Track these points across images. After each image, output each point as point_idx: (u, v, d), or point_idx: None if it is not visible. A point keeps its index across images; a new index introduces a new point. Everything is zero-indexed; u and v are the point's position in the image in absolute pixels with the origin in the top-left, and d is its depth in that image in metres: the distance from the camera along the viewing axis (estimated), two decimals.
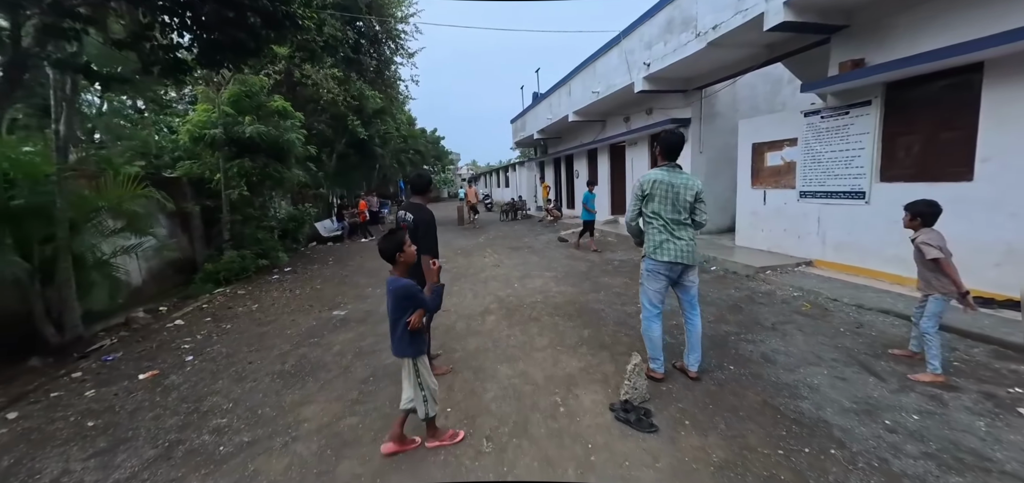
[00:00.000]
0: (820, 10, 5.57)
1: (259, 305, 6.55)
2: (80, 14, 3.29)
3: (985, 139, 4.54)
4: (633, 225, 3.41)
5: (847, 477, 2.26)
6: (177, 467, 2.67)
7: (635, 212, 3.34)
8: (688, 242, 3.21)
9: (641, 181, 3.29)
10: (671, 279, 3.28)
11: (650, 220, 3.26)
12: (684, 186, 3.22)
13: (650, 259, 3.27)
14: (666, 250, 3.19)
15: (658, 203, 3.19)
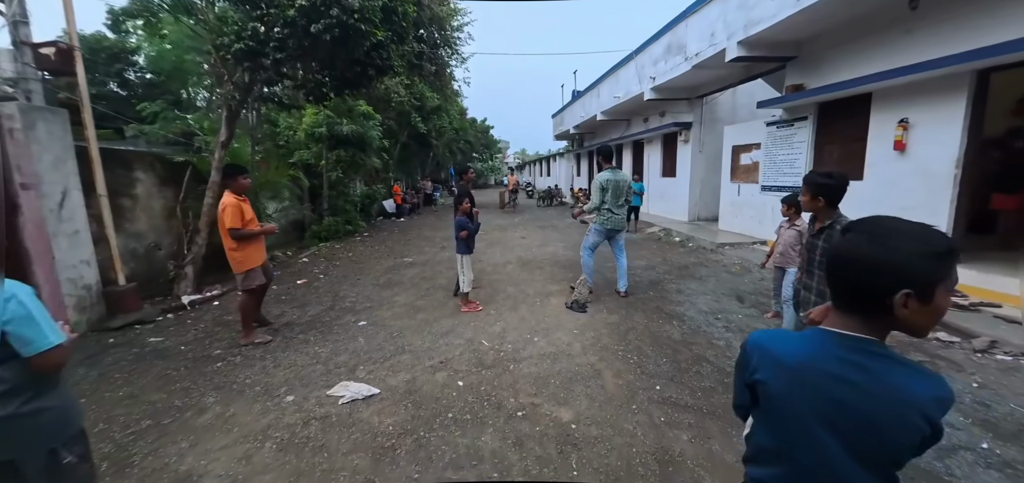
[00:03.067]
0: (768, 46, 7.26)
1: (353, 254, 9.34)
2: (283, 73, 5.96)
3: (870, 150, 6.19)
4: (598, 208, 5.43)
5: (679, 334, 4.38)
6: (337, 313, 5.27)
7: (600, 201, 5.38)
8: (621, 217, 5.35)
9: (602, 182, 5.33)
10: (607, 237, 5.41)
11: (602, 202, 5.38)
12: (623, 181, 5.34)
13: (598, 225, 5.40)
14: (610, 221, 5.32)
15: (611, 194, 5.30)
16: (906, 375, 0.83)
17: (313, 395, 3.31)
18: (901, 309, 0.81)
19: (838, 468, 0.86)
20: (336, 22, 4.90)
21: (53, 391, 1.57)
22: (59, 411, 1.57)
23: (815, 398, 0.87)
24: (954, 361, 3.69)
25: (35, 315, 1.45)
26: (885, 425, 0.82)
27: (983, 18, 4.84)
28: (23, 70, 5.11)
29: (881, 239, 0.83)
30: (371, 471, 2.46)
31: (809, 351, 0.90)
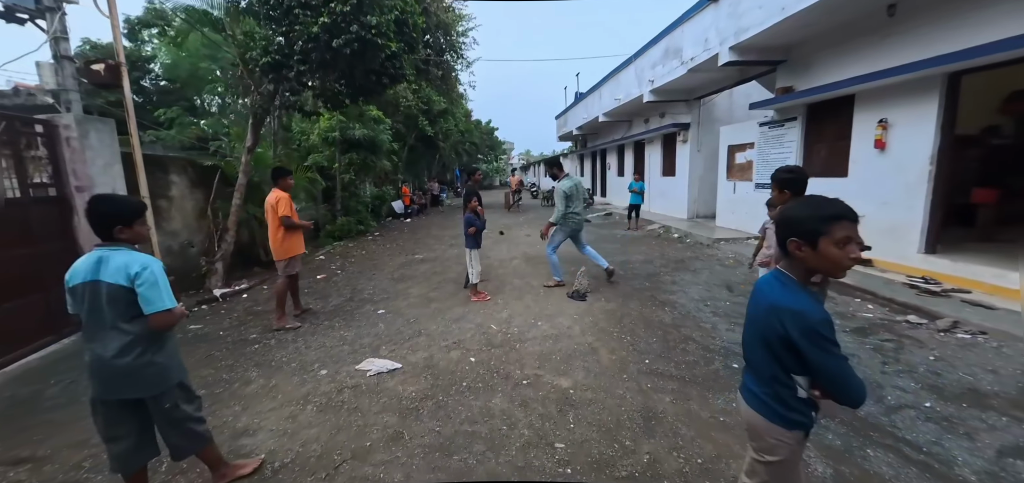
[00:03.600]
0: (758, 50, 7.65)
1: (366, 252, 9.83)
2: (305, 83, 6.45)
3: (854, 148, 6.57)
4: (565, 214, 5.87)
5: (670, 319, 4.80)
6: (356, 303, 5.74)
7: (566, 208, 5.82)
8: (582, 216, 5.84)
9: (566, 190, 5.79)
10: (569, 236, 5.85)
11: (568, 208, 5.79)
12: (581, 185, 5.86)
13: (562, 226, 5.84)
14: (573, 222, 5.79)
15: (574, 199, 5.77)
16: (785, 294, 1.30)
17: (343, 369, 3.78)
18: (796, 251, 1.29)
19: (749, 342, 1.45)
20: (355, 37, 5.39)
21: (161, 351, 2.05)
22: (162, 367, 2.05)
23: (753, 304, 1.45)
24: (918, 339, 4.08)
25: (159, 283, 1.93)
26: (761, 318, 1.35)
27: (953, 25, 5.21)
28: (64, 82, 5.63)
29: (794, 207, 1.29)
30: (399, 426, 2.91)
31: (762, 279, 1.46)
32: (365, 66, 5.95)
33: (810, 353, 1.25)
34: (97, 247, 1.96)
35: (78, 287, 1.91)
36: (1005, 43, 4.48)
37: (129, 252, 1.95)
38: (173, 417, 2.10)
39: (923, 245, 5.71)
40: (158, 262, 2.00)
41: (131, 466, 2.05)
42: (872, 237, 6.26)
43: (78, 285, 1.91)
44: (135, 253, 1.97)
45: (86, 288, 1.90)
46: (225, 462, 2.38)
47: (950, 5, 5.23)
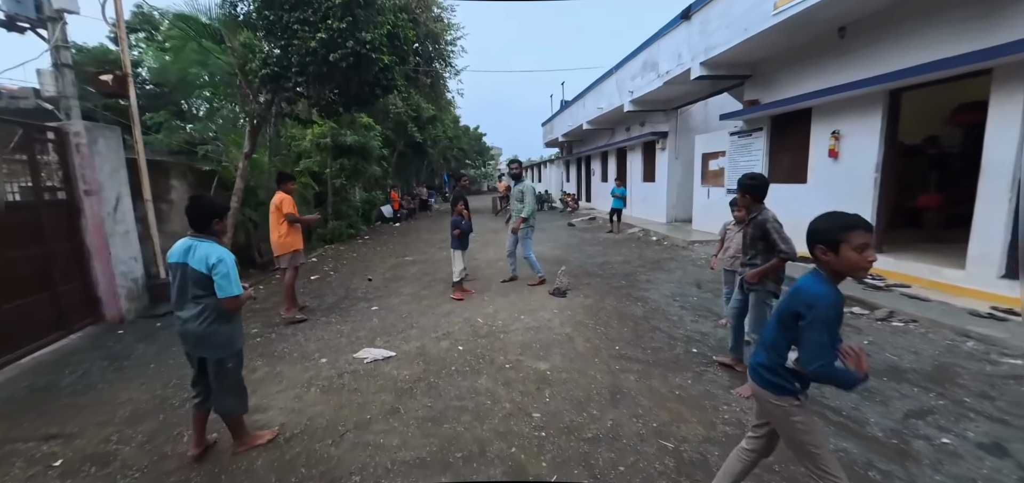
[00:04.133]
0: (726, 66, 8.23)
1: (357, 254, 10.13)
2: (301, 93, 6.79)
3: (812, 156, 7.15)
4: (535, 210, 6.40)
5: (641, 312, 5.25)
6: (351, 301, 6.07)
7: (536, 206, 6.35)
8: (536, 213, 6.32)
9: (536, 190, 6.31)
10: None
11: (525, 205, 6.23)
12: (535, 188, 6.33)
13: (529, 225, 6.28)
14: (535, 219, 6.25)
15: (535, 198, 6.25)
16: (812, 282, 1.61)
17: (342, 358, 4.13)
18: (821, 256, 1.57)
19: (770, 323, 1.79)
20: (351, 52, 5.76)
21: (227, 324, 2.52)
22: (227, 335, 2.52)
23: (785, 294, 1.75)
24: (858, 327, 4.59)
25: (231, 274, 2.39)
26: (785, 300, 1.70)
27: (894, 47, 5.81)
28: (64, 89, 5.87)
29: (818, 220, 1.64)
30: (395, 403, 3.28)
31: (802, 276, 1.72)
32: (360, 78, 6.33)
33: (804, 323, 1.54)
34: (190, 236, 2.46)
35: (173, 265, 2.46)
36: (938, 64, 5.07)
37: (212, 245, 2.42)
38: (230, 378, 2.56)
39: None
40: (231, 256, 2.47)
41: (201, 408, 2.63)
42: None
43: (173, 264, 2.45)
44: (216, 246, 2.43)
45: (177, 268, 2.44)
46: (248, 432, 2.75)
47: (891, 29, 5.84)
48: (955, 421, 2.87)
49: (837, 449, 2.62)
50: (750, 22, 6.74)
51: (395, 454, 2.67)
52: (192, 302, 2.42)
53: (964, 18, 5.05)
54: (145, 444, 2.89)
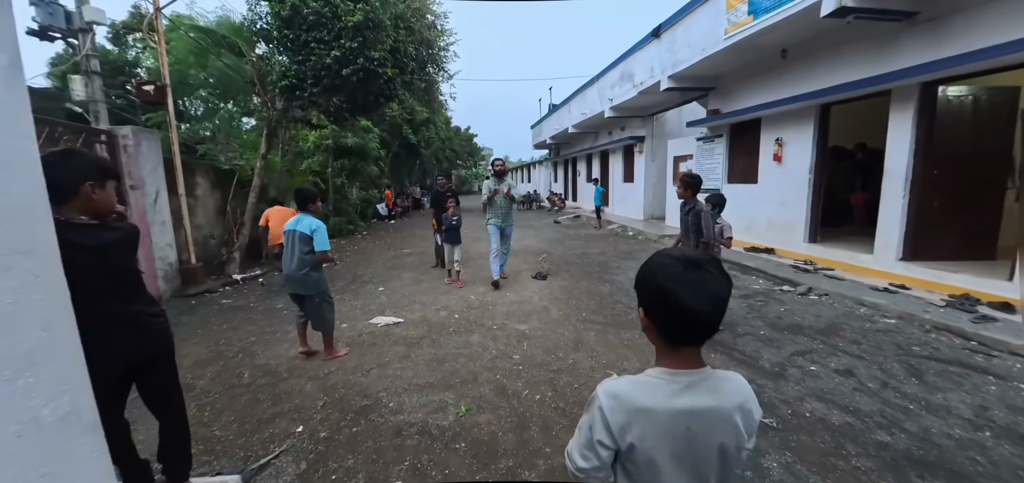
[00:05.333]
0: (691, 79, 9.28)
1: (358, 248, 10.98)
2: (316, 102, 7.65)
3: (761, 160, 8.22)
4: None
5: (608, 291, 6.23)
6: (359, 284, 6.96)
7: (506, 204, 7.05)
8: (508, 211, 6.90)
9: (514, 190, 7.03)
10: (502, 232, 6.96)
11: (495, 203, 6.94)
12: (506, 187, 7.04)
13: (493, 224, 6.48)
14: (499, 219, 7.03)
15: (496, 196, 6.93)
16: None
17: (359, 324, 5.04)
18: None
19: None
20: (361, 67, 6.65)
21: (318, 272, 3.74)
22: (315, 280, 3.75)
23: None
24: (781, 300, 5.63)
25: (325, 235, 3.60)
26: None
27: (824, 67, 6.87)
28: (94, 94, 6.64)
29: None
30: (406, 352, 4.20)
31: None
32: (367, 89, 7.22)
33: None
34: (298, 213, 3.75)
35: (287, 232, 3.76)
36: (850, 85, 6.14)
37: (311, 218, 3.65)
38: (319, 308, 3.82)
39: (806, 236, 7.36)
40: (324, 225, 3.70)
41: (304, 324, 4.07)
42: (774, 232, 7.92)
43: (287, 231, 3.76)
44: (314, 218, 3.70)
45: (290, 234, 3.69)
46: (333, 347, 4.06)
47: (822, 52, 6.90)
48: (825, 357, 3.89)
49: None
50: (707, 43, 7.78)
51: (409, 380, 3.60)
52: (297, 256, 3.68)
53: (871, 47, 6.12)
54: (214, 379, 3.78)
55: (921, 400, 3.16)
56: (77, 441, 1.32)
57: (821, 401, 3.16)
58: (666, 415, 0.87)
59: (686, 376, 0.90)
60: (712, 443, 0.88)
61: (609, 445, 0.90)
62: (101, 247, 1.56)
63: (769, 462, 2.52)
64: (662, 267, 0.90)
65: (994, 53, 4.52)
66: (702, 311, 0.84)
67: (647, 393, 0.89)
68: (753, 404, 0.93)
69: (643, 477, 0.90)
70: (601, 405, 0.90)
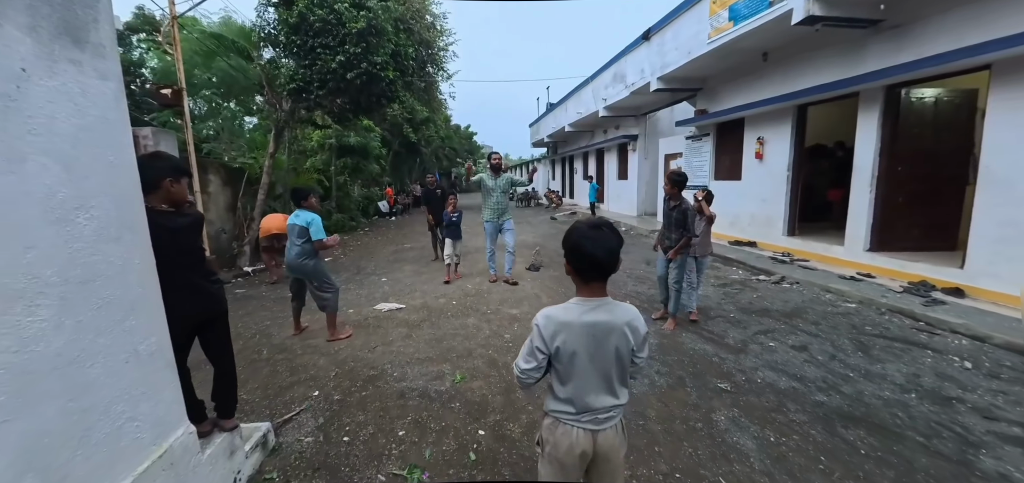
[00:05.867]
0: (679, 81, 9.69)
1: (361, 243, 11.42)
2: (321, 103, 8.07)
3: (744, 158, 8.64)
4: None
5: None
6: (363, 275, 7.39)
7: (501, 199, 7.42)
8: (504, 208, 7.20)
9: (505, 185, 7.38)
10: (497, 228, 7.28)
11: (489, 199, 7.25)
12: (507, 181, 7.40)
13: (488, 221, 6.48)
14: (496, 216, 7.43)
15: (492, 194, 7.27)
16: None
17: (365, 309, 5.47)
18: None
19: None
20: (364, 71, 7.07)
21: (315, 261, 4.11)
22: (313, 266, 4.14)
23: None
24: (755, 288, 6.06)
25: (320, 226, 4.00)
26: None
27: (800, 69, 7.28)
28: None
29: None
30: (408, 332, 4.63)
31: None
32: (369, 91, 7.64)
33: None
34: (296, 209, 4.13)
35: (289, 226, 4.10)
36: (829, 86, 6.53)
37: (307, 213, 4.03)
38: (317, 292, 4.23)
39: (785, 229, 7.78)
40: (318, 217, 4.10)
41: (297, 307, 4.56)
42: (756, 226, 8.34)
43: (289, 225, 4.10)
44: (309, 213, 4.09)
45: (291, 227, 4.05)
46: (336, 328, 4.46)
47: (798, 56, 7.30)
48: (785, 335, 4.32)
49: (700, 350, 4.04)
50: (692, 47, 8.19)
51: (411, 355, 4.03)
52: (295, 246, 4.13)
53: (841, 52, 6.53)
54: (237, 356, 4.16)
55: (862, 370, 3.60)
56: (160, 373, 1.80)
57: (773, 371, 3.60)
58: (579, 325, 1.31)
59: (592, 302, 1.34)
60: (610, 345, 1.32)
61: (544, 350, 1.35)
62: (176, 229, 2.00)
63: (718, 417, 2.96)
64: (576, 230, 1.35)
65: (950, 58, 4.93)
66: (600, 256, 1.29)
67: (567, 313, 1.34)
68: (639, 323, 1.37)
69: (566, 368, 1.35)
70: (538, 324, 1.35)
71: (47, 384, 1.33)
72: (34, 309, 1.30)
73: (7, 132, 1.25)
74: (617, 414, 1.43)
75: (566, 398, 1.39)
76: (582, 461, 1.42)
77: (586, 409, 1.38)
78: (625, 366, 1.39)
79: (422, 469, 2.48)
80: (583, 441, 1.39)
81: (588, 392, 1.37)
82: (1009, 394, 3.20)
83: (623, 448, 1.50)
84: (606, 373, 1.36)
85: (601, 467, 1.45)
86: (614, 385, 1.39)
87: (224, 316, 2.31)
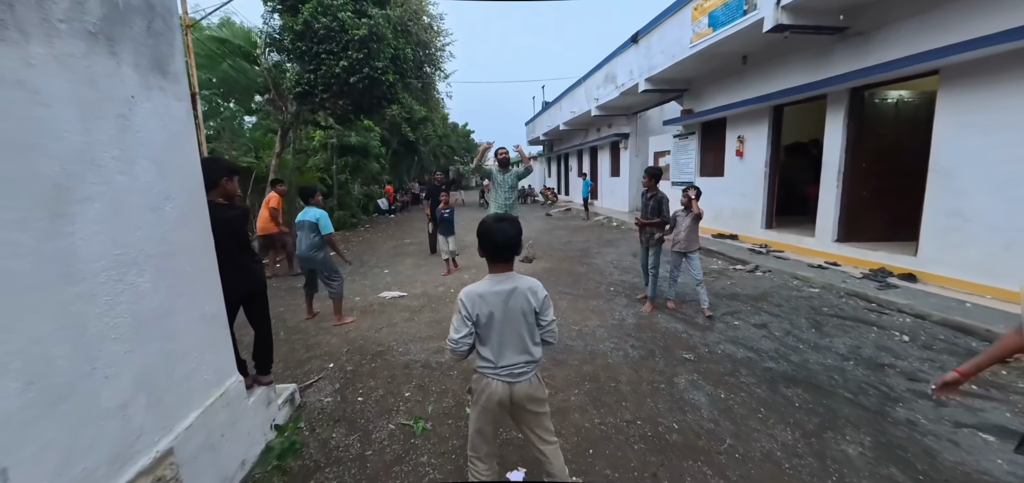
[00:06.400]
0: (666, 82, 10.16)
1: (362, 238, 11.87)
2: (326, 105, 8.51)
3: (727, 156, 9.13)
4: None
5: (584, 271, 7.15)
6: (367, 268, 7.86)
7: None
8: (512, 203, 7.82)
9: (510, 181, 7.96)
10: None
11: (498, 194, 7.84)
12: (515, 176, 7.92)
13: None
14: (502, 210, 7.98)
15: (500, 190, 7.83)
16: None
17: (370, 297, 5.94)
18: None
19: None
20: (366, 76, 7.51)
21: (322, 250, 4.55)
22: (323, 258, 4.59)
23: None
24: (730, 276, 6.54)
25: (327, 220, 4.48)
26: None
27: (776, 72, 7.76)
28: None
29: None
30: (411, 316, 5.10)
31: None
32: (371, 94, 8.09)
33: None
34: (305, 207, 4.55)
35: (299, 222, 4.51)
36: (800, 88, 7.01)
37: (316, 209, 4.46)
38: (327, 280, 4.69)
39: (763, 223, 8.28)
40: (325, 213, 4.52)
41: (309, 293, 4.97)
42: (737, 220, 8.84)
43: (299, 221, 4.52)
44: (318, 209, 4.51)
45: (302, 223, 4.47)
46: (341, 313, 4.89)
47: (774, 59, 7.77)
48: (749, 315, 4.81)
49: (672, 328, 4.53)
50: (676, 51, 8.66)
51: (414, 335, 4.50)
52: (306, 239, 4.61)
53: (811, 57, 7.01)
54: None
55: (811, 343, 4.09)
56: (220, 331, 2.28)
57: (733, 344, 4.08)
58: (492, 294, 1.74)
59: (500, 276, 1.78)
60: (516, 307, 1.75)
61: (469, 318, 1.74)
62: (230, 219, 2.46)
63: (679, 380, 3.44)
64: (485, 223, 1.81)
65: (904, 63, 5.41)
66: (502, 242, 1.75)
67: (482, 287, 1.77)
68: (537, 287, 1.81)
69: (486, 331, 1.76)
70: (462, 299, 1.76)
71: (151, 329, 1.80)
72: (142, 273, 1.76)
73: (124, 144, 1.71)
74: (531, 370, 1.79)
75: (487, 356, 1.77)
76: (501, 408, 1.79)
77: (503, 364, 1.75)
78: (532, 326, 1.78)
79: (426, 420, 2.95)
80: (500, 391, 1.76)
81: (504, 349, 1.74)
82: (936, 361, 3.70)
83: (541, 396, 1.84)
84: (519, 333, 1.76)
85: (522, 413, 1.84)
86: (527, 344, 1.76)
87: (264, 291, 2.78)
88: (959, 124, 5.12)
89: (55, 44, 1.43)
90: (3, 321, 1.24)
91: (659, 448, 2.63)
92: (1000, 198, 4.73)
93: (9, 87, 1.29)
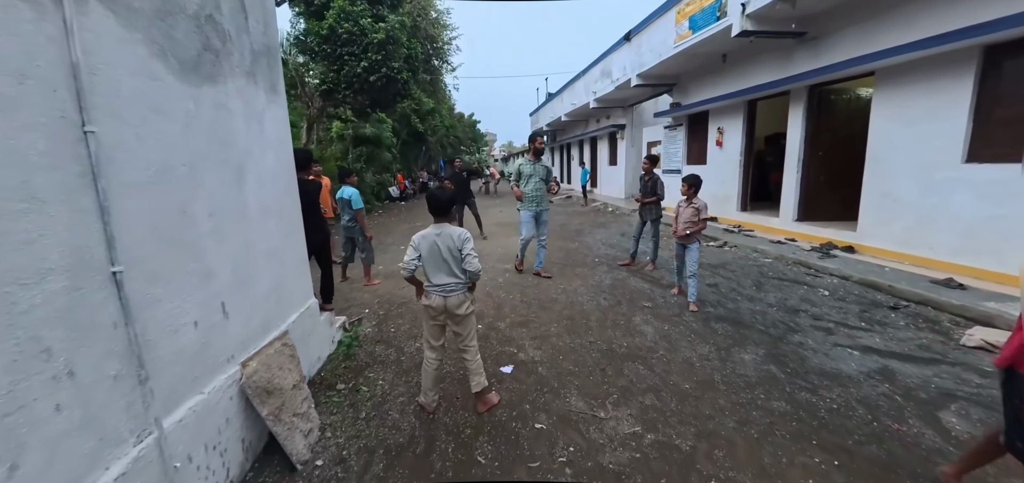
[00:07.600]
0: (656, 78, 11.05)
1: (378, 223, 12.93)
2: (347, 101, 9.55)
3: (709, 146, 10.05)
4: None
5: (575, 246, 8.17)
6: (386, 246, 8.94)
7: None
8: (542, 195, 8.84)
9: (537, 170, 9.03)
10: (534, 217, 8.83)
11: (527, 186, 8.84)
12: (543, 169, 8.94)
13: (527, 210, 6.34)
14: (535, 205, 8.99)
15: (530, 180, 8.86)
16: None
17: (391, 267, 7.02)
18: None
19: None
20: (384, 75, 8.52)
21: (356, 224, 5.54)
22: (358, 228, 5.59)
23: None
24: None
25: (358, 198, 5.44)
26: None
27: (750, 70, 8.65)
28: None
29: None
30: None
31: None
32: (387, 91, 9.11)
33: None
34: (343, 185, 5.52)
35: (339, 198, 5.51)
36: (768, 85, 7.91)
37: (349, 188, 5.47)
38: (360, 246, 5.64)
39: (739, 206, 9.23)
40: (357, 191, 5.42)
41: (346, 261, 5.83)
42: (717, 204, 9.79)
43: (339, 198, 5.52)
44: (351, 189, 5.48)
45: (340, 200, 5.48)
46: (370, 277, 5.91)
47: (748, 59, 8.65)
48: (707, 279, 5.81)
49: (641, 287, 5.55)
50: (662, 50, 9.56)
51: None
52: (346, 214, 5.51)
53: (777, 57, 7.89)
54: None
55: (748, 296, 5.10)
56: (304, 266, 3.41)
57: (686, 297, 5.10)
58: (432, 235, 2.71)
59: (437, 227, 2.75)
60: (444, 246, 2.70)
61: (416, 249, 2.67)
62: (311, 190, 3.53)
63: (635, 319, 4.48)
64: (429, 190, 2.87)
65: (846, 65, 6.31)
66: (437, 204, 2.76)
67: (426, 230, 2.76)
68: (462, 233, 2.71)
69: (426, 260, 2.69)
70: (413, 241, 2.73)
71: (276, 256, 2.87)
72: (271, 220, 2.83)
73: (261, 140, 2.76)
74: (457, 288, 2.65)
75: (428, 278, 2.68)
76: (438, 313, 2.67)
77: (437, 283, 2.65)
78: (457, 258, 2.63)
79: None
80: (437, 301, 2.66)
81: (438, 273, 2.64)
82: (842, 309, 4.69)
83: (465, 311, 2.69)
84: (447, 262, 2.64)
85: (453, 318, 2.70)
86: (453, 269, 2.63)
87: (329, 243, 3.86)
88: (889, 117, 6.04)
89: (237, 81, 2.48)
90: (224, 237, 2.31)
91: (610, 356, 3.69)
92: (917, 181, 5.67)
93: (218, 109, 2.34)
